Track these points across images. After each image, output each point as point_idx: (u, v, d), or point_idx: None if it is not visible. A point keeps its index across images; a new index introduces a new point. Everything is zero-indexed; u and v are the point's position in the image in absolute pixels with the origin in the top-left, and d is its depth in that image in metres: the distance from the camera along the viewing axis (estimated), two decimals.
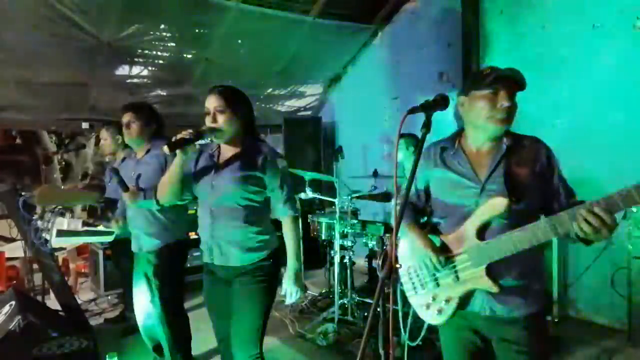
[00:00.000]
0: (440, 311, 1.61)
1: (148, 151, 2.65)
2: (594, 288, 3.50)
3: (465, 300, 1.56)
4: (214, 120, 1.88)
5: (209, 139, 1.87)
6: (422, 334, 1.87)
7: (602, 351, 3.08)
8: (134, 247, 2.65)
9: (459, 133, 1.63)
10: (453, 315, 1.59)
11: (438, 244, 1.60)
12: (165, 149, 1.77)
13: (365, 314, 3.64)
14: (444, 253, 1.57)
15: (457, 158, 1.58)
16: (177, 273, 2.61)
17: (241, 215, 1.92)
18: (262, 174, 1.93)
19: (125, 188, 2.47)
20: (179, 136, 1.79)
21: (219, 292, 2.05)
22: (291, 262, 2.00)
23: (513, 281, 1.49)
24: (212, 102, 1.89)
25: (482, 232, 1.48)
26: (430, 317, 1.66)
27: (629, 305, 3.19)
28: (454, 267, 1.56)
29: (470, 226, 1.49)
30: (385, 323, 1.22)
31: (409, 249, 1.72)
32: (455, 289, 1.56)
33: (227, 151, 1.99)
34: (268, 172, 1.94)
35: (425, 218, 1.75)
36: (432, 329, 3.14)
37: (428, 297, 1.65)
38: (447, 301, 1.59)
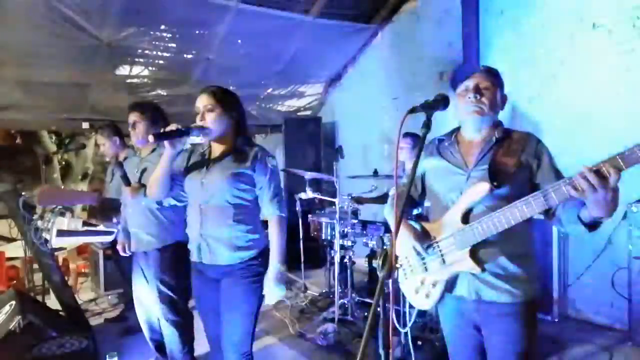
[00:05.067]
0: (427, 295, 1.67)
1: (154, 150, 2.62)
2: (594, 288, 3.51)
3: (451, 283, 1.62)
4: (203, 118, 1.91)
5: (198, 137, 1.89)
6: (412, 319, 1.92)
7: (602, 351, 3.08)
8: (132, 247, 2.62)
9: (458, 128, 1.73)
10: (440, 298, 1.64)
11: (420, 230, 1.68)
12: (150, 137, 1.80)
13: (365, 314, 3.64)
14: (429, 238, 1.65)
15: (451, 148, 1.68)
16: (178, 274, 2.55)
17: (231, 214, 1.92)
18: (252, 171, 1.93)
19: (128, 182, 2.46)
20: (167, 128, 1.85)
21: (209, 292, 2.04)
22: (273, 262, 1.95)
23: (500, 265, 1.53)
24: (202, 101, 1.93)
25: (466, 216, 1.55)
26: (419, 302, 1.72)
27: (629, 305, 3.19)
28: (440, 250, 1.62)
29: (456, 211, 1.56)
30: (385, 323, 1.22)
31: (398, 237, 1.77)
32: (442, 272, 1.62)
33: (218, 150, 2.00)
34: (257, 170, 1.94)
35: (420, 210, 1.84)
36: (433, 329, 3.16)
37: (417, 282, 1.71)
38: (434, 285, 1.65)
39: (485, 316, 1.57)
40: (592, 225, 1.39)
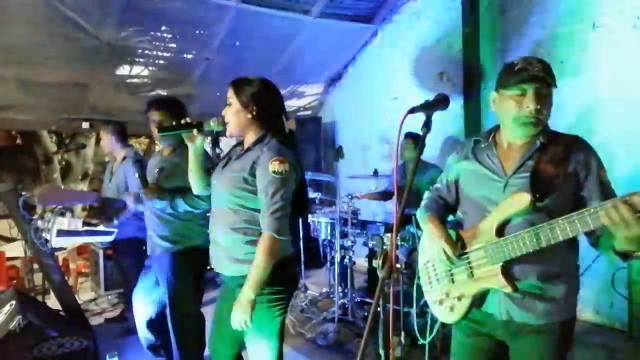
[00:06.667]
0: (452, 308, 1.53)
1: (174, 150, 2.50)
2: (594, 288, 3.50)
3: (479, 299, 1.48)
4: (225, 112, 1.82)
5: (213, 132, 1.84)
6: (435, 331, 1.76)
7: (602, 351, 3.08)
8: (148, 250, 2.56)
9: (496, 128, 1.58)
10: (466, 314, 1.50)
11: (454, 238, 1.54)
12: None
13: (365, 314, 3.64)
14: (461, 247, 1.51)
15: (487, 151, 1.53)
16: (192, 280, 2.45)
17: (231, 220, 1.77)
18: (251, 175, 1.73)
19: (145, 184, 2.40)
20: (182, 122, 1.83)
21: (223, 304, 1.91)
22: (245, 287, 1.65)
23: (536, 284, 1.39)
24: (228, 94, 1.83)
25: (501, 228, 1.41)
26: (442, 314, 1.58)
27: (629, 305, 3.19)
28: (469, 263, 1.49)
29: (490, 221, 1.43)
30: (385, 323, 1.22)
31: (427, 241, 1.66)
32: (469, 286, 1.49)
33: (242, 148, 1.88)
34: (257, 174, 1.72)
35: (454, 216, 1.70)
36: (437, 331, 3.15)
37: (441, 293, 1.58)
38: (459, 299, 1.51)
39: (514, 334, 1.45)
40: (627, 256, 1.29)
